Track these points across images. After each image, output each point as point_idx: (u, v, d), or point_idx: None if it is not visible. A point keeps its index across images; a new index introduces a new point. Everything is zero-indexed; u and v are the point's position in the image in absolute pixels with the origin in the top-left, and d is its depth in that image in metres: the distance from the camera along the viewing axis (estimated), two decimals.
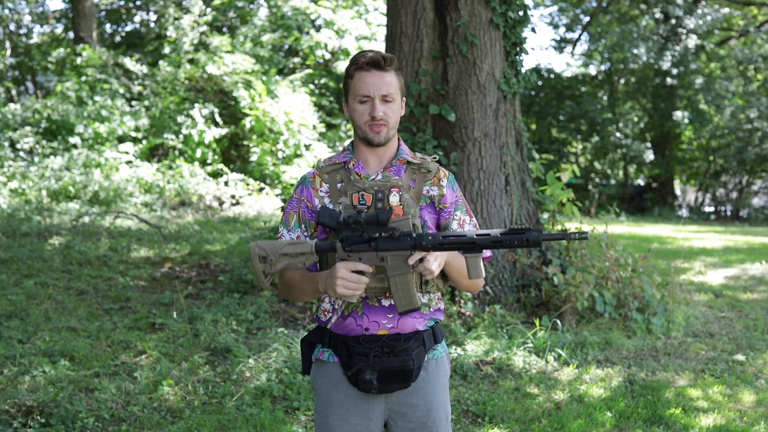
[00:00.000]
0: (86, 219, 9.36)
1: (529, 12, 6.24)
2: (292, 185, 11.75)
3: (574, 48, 24.36)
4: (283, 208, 2.41)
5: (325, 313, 2.26)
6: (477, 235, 2.10)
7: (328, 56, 14.91)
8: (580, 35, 23.84)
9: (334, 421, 2.24)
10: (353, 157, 2.29)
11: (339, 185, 2.26)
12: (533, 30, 6.70)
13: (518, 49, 6.20)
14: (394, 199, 2.20)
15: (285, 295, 2.32)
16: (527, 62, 30.31)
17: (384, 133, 2.23)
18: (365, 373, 2.17)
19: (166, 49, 14.99)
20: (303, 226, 2.28)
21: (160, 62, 14.46)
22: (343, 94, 2.33)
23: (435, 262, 2.11)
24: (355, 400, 2.23)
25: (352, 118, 2.27)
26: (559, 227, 6.60)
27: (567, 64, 29.97)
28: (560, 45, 24.95)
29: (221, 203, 11.82)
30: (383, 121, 2.22)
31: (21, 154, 12.10)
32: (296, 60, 15.77)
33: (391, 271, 2.11)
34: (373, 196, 2.19)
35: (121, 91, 13.91)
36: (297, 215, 2.29)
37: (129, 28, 20.91)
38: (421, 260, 2.11)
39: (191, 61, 13.98)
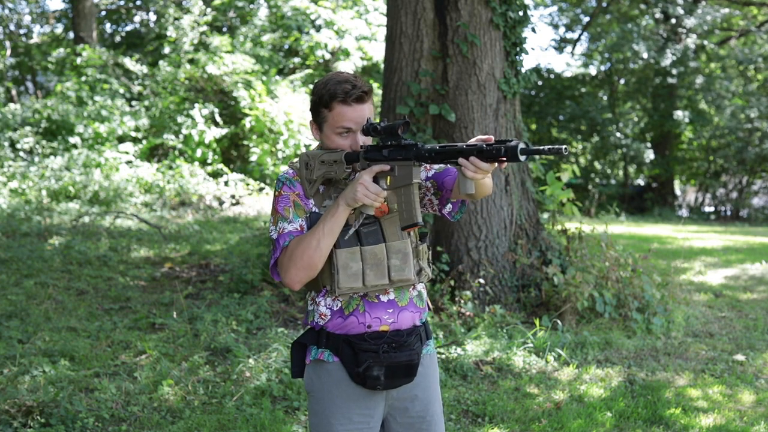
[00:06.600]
0: (86, 219, 9.35)
1: (529, 12, 6.24)
2: None
3: (574, 48, 24.35)
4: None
5: (323, 317, 2.26)
6: (467, 145, 2.06)
7: (328, 56, 14.90)
8: (580, 35, 23.83)
9: (336, 421, 2.25)
10: None
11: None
12: (533, 30, 6.70)
13: (518, 49, 6.20)
14: (382, 182, 2.19)
15: (296, 261, 2.15)
16: (527, 62, 30.22)
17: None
18: (374, 369, 2.21)
19: (166, 49, 14.98)
20: (302, 215, 2.24)
21: (160, 62, 14.45)
22: (311, 112, 2.29)
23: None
24: (357, 398, 2.25)
25: (328, 146, 2.26)
26: (559, 227, 6.60)
27: (567, 64, 29.97)
28: (560, 45, 24.94)
29: (221, 203, 11.80)
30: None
31: (21, 154, 12.09)
32: (296, 60, 15.76)
33: (398, 182, 2.15)
34: None
35: (121, 91, 13.91)
36: (292, 207, 2.24)
37: (129, 28, 20.92)
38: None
39: (191, 61, 13.97)
